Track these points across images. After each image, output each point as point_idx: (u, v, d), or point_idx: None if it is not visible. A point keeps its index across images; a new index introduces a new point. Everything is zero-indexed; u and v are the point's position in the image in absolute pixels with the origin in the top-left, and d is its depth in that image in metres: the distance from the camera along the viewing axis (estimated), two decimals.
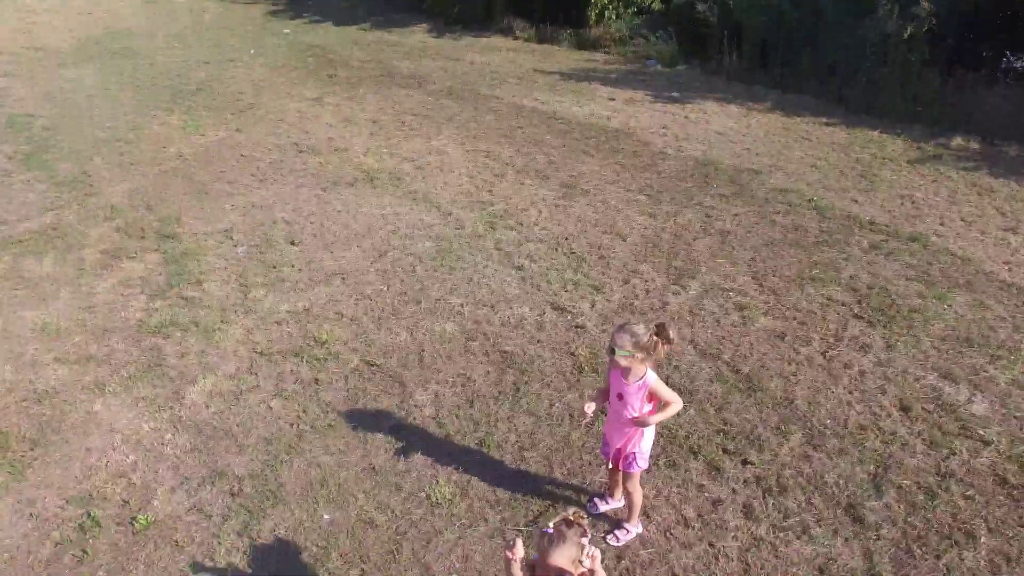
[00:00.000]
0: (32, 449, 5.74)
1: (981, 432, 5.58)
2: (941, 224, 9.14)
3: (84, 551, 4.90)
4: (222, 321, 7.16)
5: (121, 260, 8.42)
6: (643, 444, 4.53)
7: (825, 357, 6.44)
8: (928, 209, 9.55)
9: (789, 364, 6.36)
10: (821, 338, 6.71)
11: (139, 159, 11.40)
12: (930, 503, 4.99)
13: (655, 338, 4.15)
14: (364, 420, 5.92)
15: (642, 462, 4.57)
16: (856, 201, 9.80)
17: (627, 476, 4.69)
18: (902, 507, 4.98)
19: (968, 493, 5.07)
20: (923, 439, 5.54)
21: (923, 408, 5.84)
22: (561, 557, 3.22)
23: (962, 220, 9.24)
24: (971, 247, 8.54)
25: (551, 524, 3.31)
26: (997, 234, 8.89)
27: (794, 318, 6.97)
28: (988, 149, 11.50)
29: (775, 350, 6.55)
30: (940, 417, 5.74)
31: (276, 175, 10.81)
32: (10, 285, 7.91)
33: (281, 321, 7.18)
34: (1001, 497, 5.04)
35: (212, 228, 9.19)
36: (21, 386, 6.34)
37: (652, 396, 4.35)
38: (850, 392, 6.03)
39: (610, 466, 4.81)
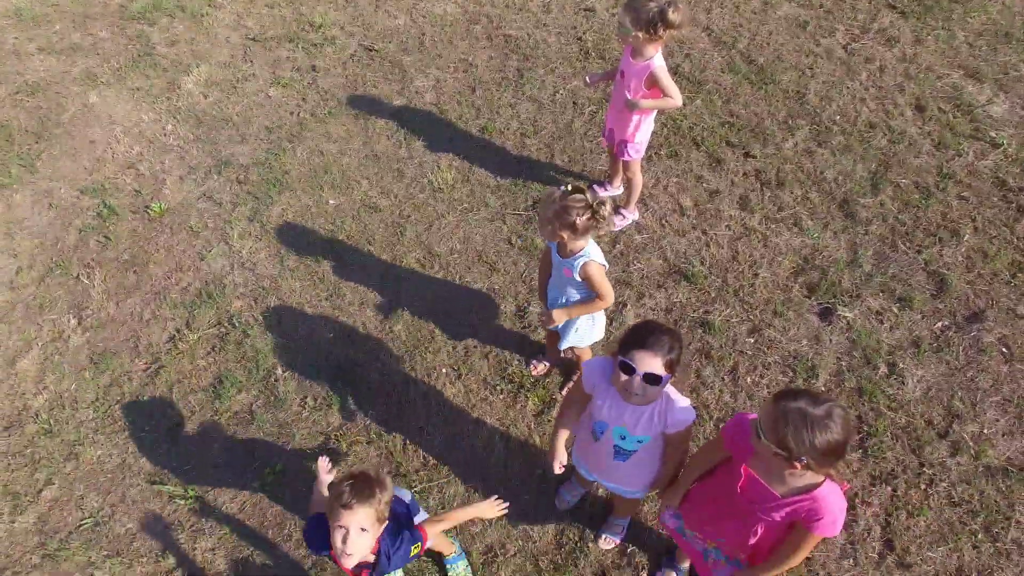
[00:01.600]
0: (37, 142, 5.77)
1: (993, 134, 5.46)
2: None
3: (107, 237, 5.15)
4: (209, 5, 6.75)
5: None
6: (639, 135, 4.47)
7: (846, 50, 6.09)
8: None
9: (807, 56, 6.04)
10: (846, 29, 6.29)
11: None
12: (924, 202, 5.05)
13: (657, 18, 3.90)
14: (364, 107, 5.83)
15: (634, 152, 4.54)
16: None
17: (626, 164, 4.71)
18: (895, 205, 5.05)
19: (964, 194, 5.10)
20: (932, 139, 5.44)
21: (939, 108, 5.65)
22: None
23: None
24: None
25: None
26: None
27: (820, 6, 6.47)
28: None
29: (794, 40, 6.18)
30: (954, 118, 5.58)
31: None
32: None
33: (273, 4, 6.75)
34: (995, 198, 5.07)
35: None
36: (10, 79, 6.18)
37: (654, 85, 4.19)
38: (866, 88, 5.80)
39: (610, 152, 4.81)
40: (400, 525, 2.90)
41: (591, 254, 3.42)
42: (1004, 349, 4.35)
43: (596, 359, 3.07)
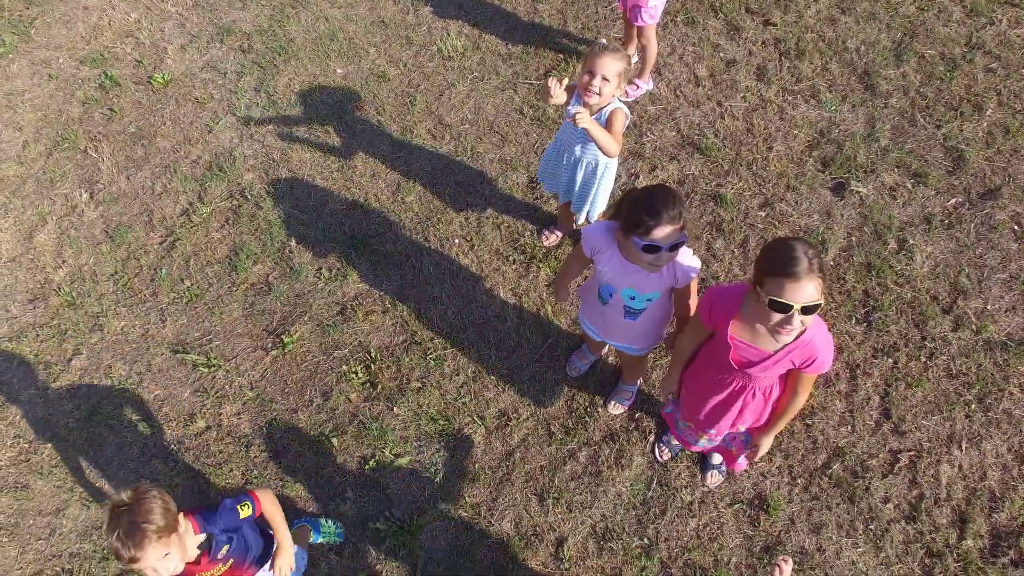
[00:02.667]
0: (28, 7, 5.56)
1: None
2: None
3: (111, 109, 5.06)
4: None
5: None
6: None
7: None
8: None
9: None
10: None
11: None
12: (948, 74, 4.89)
13: None
14: None
15: (648, 16, 4.35)
16: None
17: (640, 30, 4.53)
18: (918, 77, 4.89)
19: (992, 65, 4.93)
20: (963, 6, 5.19)
21: None
22: (611, 65, 3.29)
23: None
24: None
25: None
26: None
27: None
28: None
29: None
30: None
31: None
32: None
33: None
34: None
35: None
36: None
37: None
38: None
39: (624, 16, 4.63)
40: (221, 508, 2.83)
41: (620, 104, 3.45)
42: (1016, 227, 4.35)
43: (598, 223, 3.09)
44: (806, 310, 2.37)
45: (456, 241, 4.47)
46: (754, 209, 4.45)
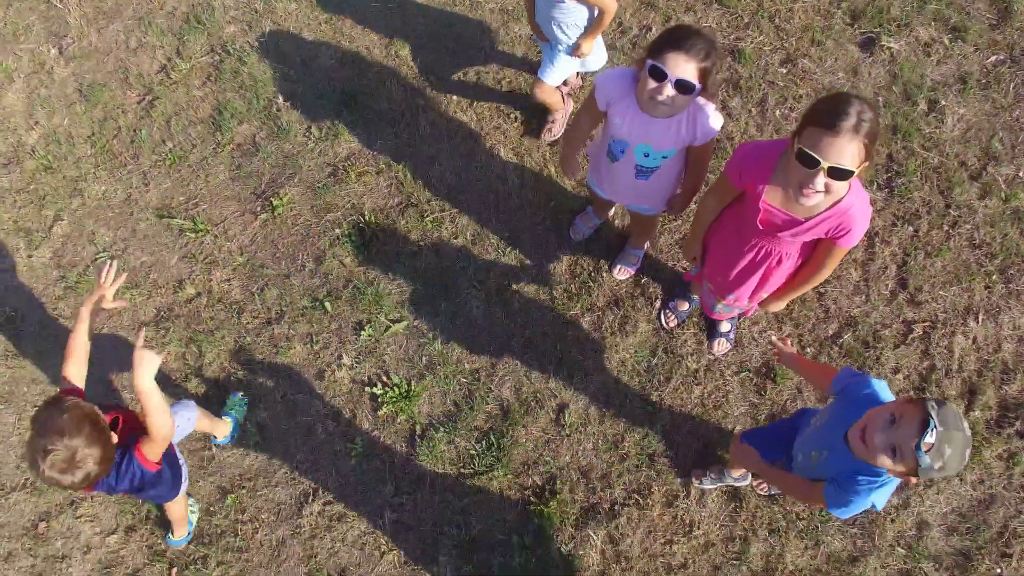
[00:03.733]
0: None
1: None
2: None
3: None
4: None
5: None
6: None
7: None
8: None
9: None
10: None
11: None
12: None
13: None
14: None
15: None
16: None
17: None
18: None
19: None
20: None
21: None
22: None
23: None
24: None
25: None
26: None
27: None
28: None
29: None
30: None
31: None
32: None
33: None
34: None
35: None
36: None
37: None
38: None
39: None
40: None
41: None
42: None
43: (613, 70, 2.81)
44: (835, 172, 2.12)
45: (454, 98, 4.16)
46: (774, 65, 4.12)
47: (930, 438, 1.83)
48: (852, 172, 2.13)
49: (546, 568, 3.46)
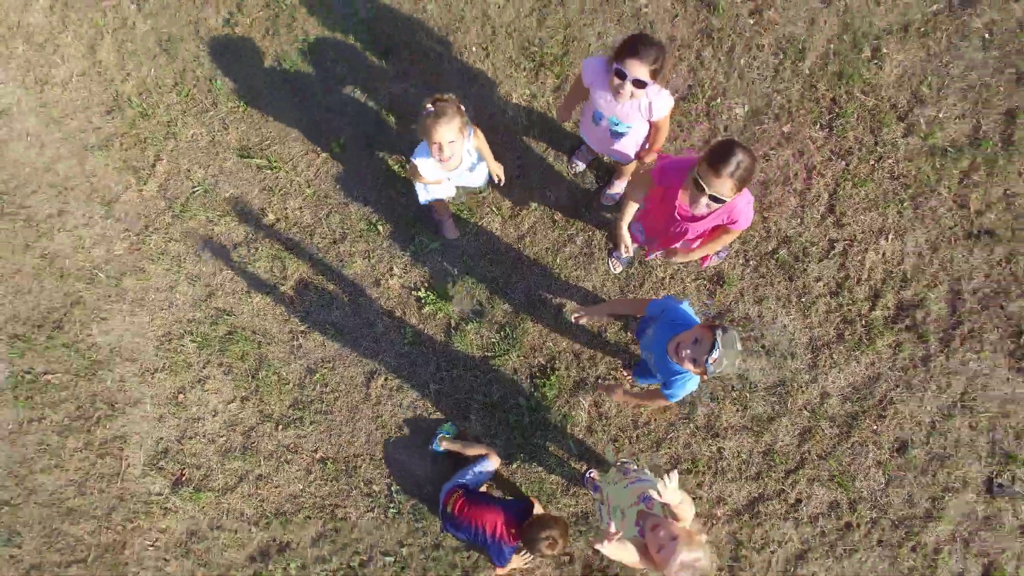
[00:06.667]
0: None
1: None
2: None
3: None
4: None
5: None
6: None
7: None
8: None
9: None
10: None
11: None
12: None
13: None
14: None
15: None
16: None
17: None
18: None
19: None
20: None
21: None
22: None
23: None
24: None
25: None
26: None
27: None
28: None
29: None
30: None
31: None
32: None
33: None
34: None
35: None
36: None
37: None
38: None
39: None
40: None
41: None
42: (986, 35, 4.73)
43: (594, 59, 3.73)
44: (714, 199, 3.17)
45: (473, 49, 4.98)
46: (744, 16, 4.84)
47: (715, 355, 2.99)
48: (725, 201, 3.16)
49: (548, 424, 4.78)
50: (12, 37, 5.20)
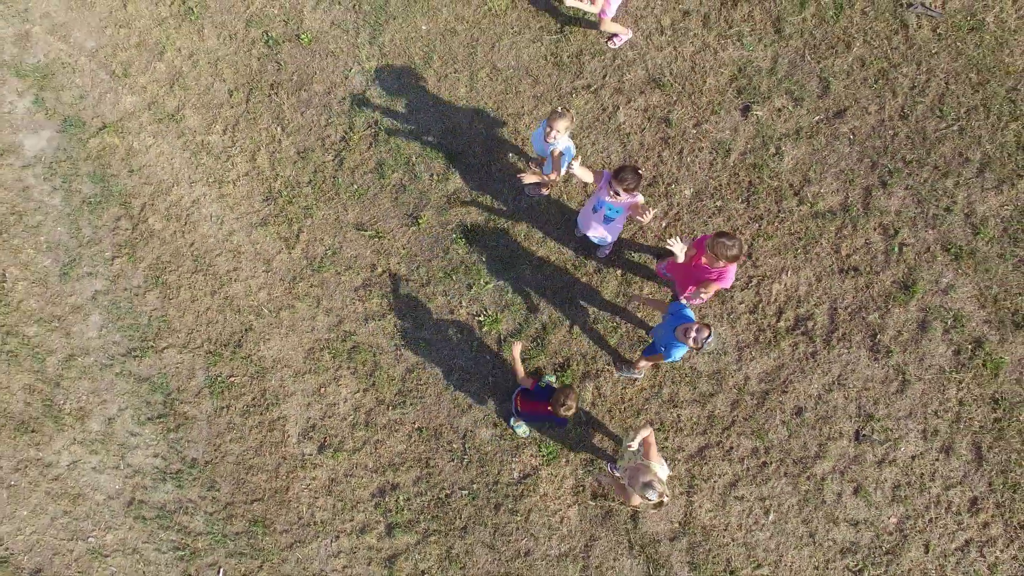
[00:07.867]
0: None
1: None
2: None
3: (278, 63, 7.76)
4: None
5: None
6: None
7: None
8: None
9: None
10: None
11: None
12: (834, 17, 7.23)
13: None
14: None
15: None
16: None
17: None
18: (813, 21, 7.25)
19: (867, 9, 7.21)
20: None
21: None
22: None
23: None
24: None
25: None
26: None
27: None
28: None
29: None
30: None
31: None
32: None
33: None
34: (887, 13, 7.17)
35: None
36: None
37: None
38: None
39: None
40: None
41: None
42: (851, 136, 7.10)
43: (605, 171, 6.13)
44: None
45: (512, 160, 7.43)
46: (689, 128, 7.25)
47: (710, 339, 5.48)
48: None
49: None
50: (199, 151, 7.74)
